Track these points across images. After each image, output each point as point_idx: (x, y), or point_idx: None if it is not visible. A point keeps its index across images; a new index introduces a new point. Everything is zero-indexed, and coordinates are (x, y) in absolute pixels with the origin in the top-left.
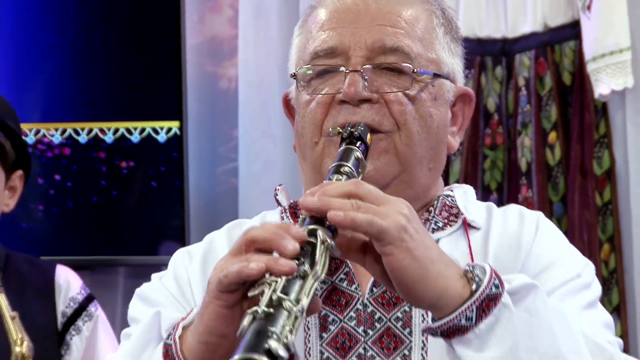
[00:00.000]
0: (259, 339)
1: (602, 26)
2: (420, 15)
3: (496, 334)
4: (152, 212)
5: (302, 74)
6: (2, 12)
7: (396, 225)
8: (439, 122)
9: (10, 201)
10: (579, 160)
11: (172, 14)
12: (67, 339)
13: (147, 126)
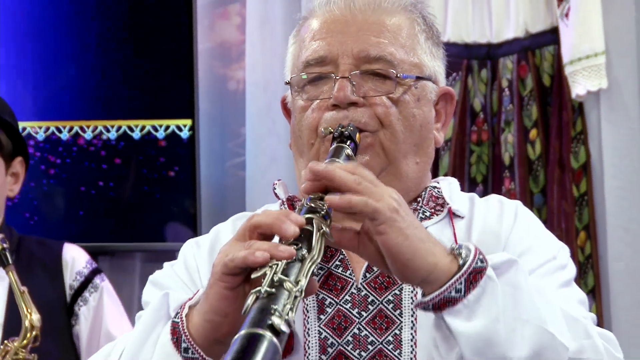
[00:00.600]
0: (262, 315)
1: (578, 32)
2: (403, 24)
3: (483, 304)
4: (167, 202)
5: (296, 81)
6: (25, 16)
7: (389, 206)
8: (422, 121)
9: (15, 186)
10: (557, 155)
11: (185, 21)
12: (75, 310)
13: (163, 124)
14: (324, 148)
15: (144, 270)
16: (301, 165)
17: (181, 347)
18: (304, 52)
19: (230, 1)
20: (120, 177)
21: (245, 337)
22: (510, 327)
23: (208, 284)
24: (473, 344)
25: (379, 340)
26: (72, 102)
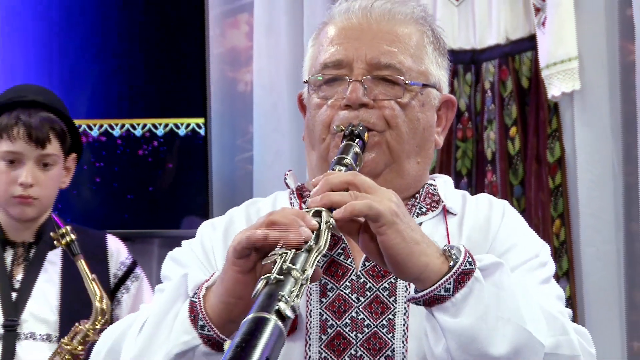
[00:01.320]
0: (270, 300)
1: (554, 39)
2: (413, 35)
3: (469, 303)
4: (182, 192)
5: (313, 80)
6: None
7: (390, 209)
8: (425, 125)
9: (66, 179)
10: (534, 151)
11: (198, 30)
12: (118, 296)
13: (180, 122)
14: (334, 143)
15: (160, 254)
16: (312, 157)
17: (198, 325)
18: (322, 54)
19: (239, 11)
20: (140, 170)
21: (253, 320)
22: (492, 325)
23: (223, 268)
24: (458, 339)
25: (374, 323)
26: (102, 103)
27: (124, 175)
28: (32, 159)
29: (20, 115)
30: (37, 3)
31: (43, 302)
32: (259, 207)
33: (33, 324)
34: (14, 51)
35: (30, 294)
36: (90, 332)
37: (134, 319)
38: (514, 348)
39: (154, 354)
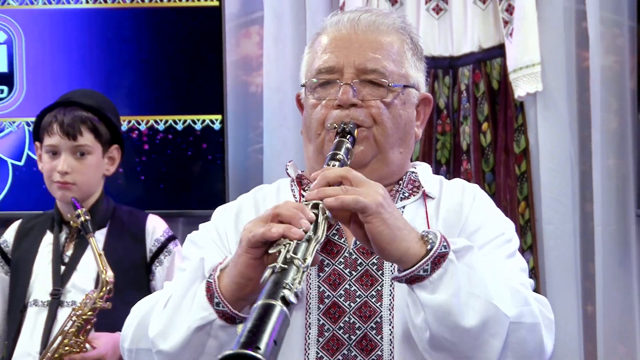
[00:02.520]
0: (276, 288)
1: (520, 48)
2: (395, 43)
3: (444, 281)
4: (203, 178)
5: (309, 84)
6: (96, 39)
7: (375, 202)
8: (406, 120)
9: (111, 167)
10: (503, 143)
11: (216, 39)
12: (152, 269)
13: (202, 118)
14: (328, 137)
15: (184, 230)
16: (309, 149)
17: (214, 302)
18: (316, 61)
19: (251, 24)
20: (168, 159)
21: (262, 307)
22: (464, 301)
23: (236, 253)
24: (435, 312)
25: (364, 294)
26: (131, 102)
27: (154, 164)
28: (67, 150)
29: (57, 115)
30: (81, 19)
31: (85, 274)
32: (265, 193)
33: (74, 294)
34: (63, 60)
35: (76, 267)
36: (98, 300)
37: (159, 296)
38: (482, 320)
39: (177, 327)
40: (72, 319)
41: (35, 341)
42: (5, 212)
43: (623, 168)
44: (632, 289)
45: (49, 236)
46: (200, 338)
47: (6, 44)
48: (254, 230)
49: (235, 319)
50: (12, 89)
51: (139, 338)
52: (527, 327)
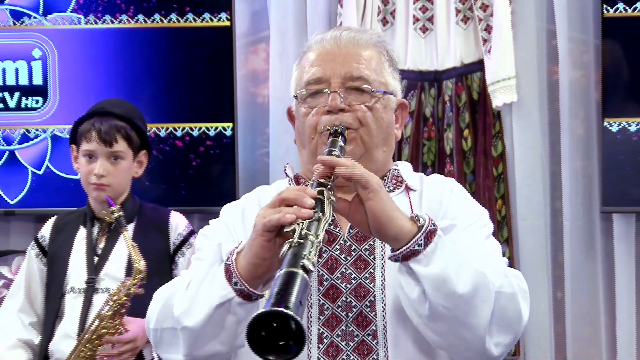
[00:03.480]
0: (296, 259)
1: (497, 63)
2: (373, 55)
3: (437, 254)
4: (216, 179)
5: (300, 95)
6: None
7: (377, 180)
8: (387, 122)
9: (140, 170)
10: (482, 147)
11: (228, 56)
12: (175, 260)
13: (215, 126)
14: (321, 140)
15: (200, 224)
16: (304, 154)
17: (232, 281)
18: (305, 75)
19: (259, 42)
20: (184, 162)
21: (286, 274)
22: (456, 270)
23: (251, 237)
24: (432, 282)
25: (359, 276)
26: (152, 111)
27: (172, 166)
28: (103, 155)
29: (94, 123)
30: (108, 38)
31: (116, 264)
32: (266, 193)
33: (108, 281)
34: (91, 74)
35: (108, 258)
36: (132, 286)
37: (179, 282)
38: (473, 286)
39: (199, 306)
40: (108, 304)
41: (74, 324)
42: (23, 209)
43: (589, 169)
44: (596, 277)
45: (82, 231)
46: (221, 314)
47: (41, 59)
48: (268, 216)
49: (252, 296)
50: (46, 100)
51: (164, 318)
52: (507, 296)
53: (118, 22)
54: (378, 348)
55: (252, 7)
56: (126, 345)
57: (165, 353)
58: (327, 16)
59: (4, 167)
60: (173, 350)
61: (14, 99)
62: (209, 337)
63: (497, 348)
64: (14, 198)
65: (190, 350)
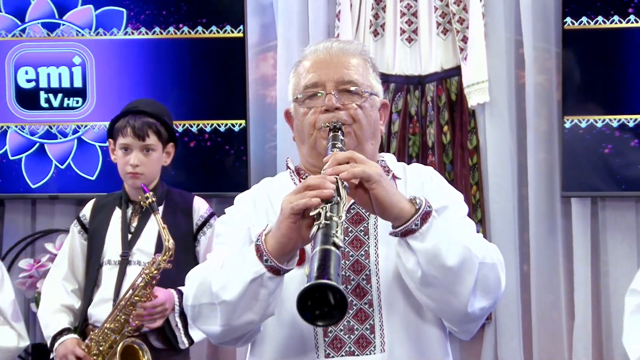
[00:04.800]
0: (326, 238)
1: (472, 69)
2: (360, 62)
3: (431, 232)
4: (231, 168)
5: (299, 98)
6: (150, 63)
7: (376, 172)
8: (374, 119)
9: (168, 160)
10: (459, 141)
11: (241, 63)
12: (198, 238)
13: (230, 122)
14: (319, 136)
15: (217, 207)
16: (303, 149)
17: (263, 259)
18: (302, 80)
19: (267, 50)
20: (205, 154)
21: (322, 251)
22: (446, 246)
23: (278, 220)
24: (425, 256)
25: (355, 253)
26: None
27: (192, 157)
28: (137, 148)
29: (129, 120)
30: (138, 46)
31: (147, 240)
32: (272, 184)
33: (139, 255)
34: (124, 78)
35: (140, 235)
36: (162, 262)
37: (210, 264)
38: (460, 260)
39: (235, 281)
40: (141, 276)
41: (110, 291)
42: (66, 194)
43: (550, 160)
44: (557, 253)
45: (117, 211)
46: (254, 288)
47: (81, 65)
48: (295, 201)
49: (280, 270)
50: (85, 100)
51: (201, 294)
52: (488, 266)
53: (146, 33)
54: (374, 314)
55: (261, 20)
56: (157, 309)
57: (203, 325)
58: (326, 29)
59: (33, 157)
60: (211, 322)
61: (58, 100)
62: (244, 309)
63: (480, 311)
64: (93, 175)
65: (227, 321)
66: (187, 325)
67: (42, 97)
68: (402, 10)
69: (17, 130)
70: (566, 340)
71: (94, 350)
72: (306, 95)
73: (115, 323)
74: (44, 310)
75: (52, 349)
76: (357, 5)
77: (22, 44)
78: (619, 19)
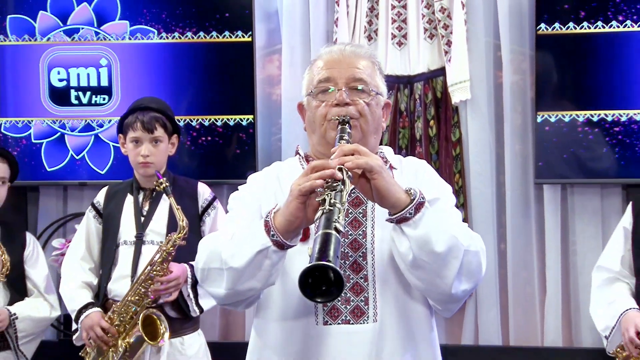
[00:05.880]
0: (329, 222)
1: (455, 69)
2: (368, 64)
3: (423, 220)
4: (241, 158)
5: (314, 91)
6: (163, 65)
7: (378, 164)
8: (378, 116)
9: (173, 149)
10: (444, 134)
11: (249, 64)
12: (203, 219)
13: (240, 117)
14: (329, 127)
15: (227, 194)
16: (313, 138)
17: (270, 234)
18: (316, 76)
19: (273, 53)
20: (216, 145)
21: (324, 234)
22: (436, 234)
23: (287, 200)
24: (417, 242)
25: (354, 233)
26: (193, 106)
27: (205, 149)
28: (146, 140)
29: (138, 116)
30: (157, 50)
31: (158, 222)
32: (282, 167)
33: (152, 235)
34: (144, 77)
35: (152, 218)
36: (177, 239)
37: (222, 234)
38: (448, 247)
39: (243, 251)
40: (159, 253)
41: (127, 268)
42: (93, 181)
43: (525, 151)
44: (531, 233)
45: (129, 197)
46: (259, 259)
47: (107, 67)
48: (302, 184)
49: (284, 245)
50: (111, 97)
51: (212, 260)
52: (472, 253)
53: (164, 38)
54: (368, 288)
55: (268, 26)
56: (171, 282)
57: (210, 287)
58: (325, 35)
59: (93, 148)
60: (217, 285)
61: (86, 97)
62: (248, 276)
63: (462, 293)
64: (104, 169)
65: (232, 285)
66: (198, 296)
67: (72, 95)
68: (393, 18)
69: (49, 123)
70: (539, 311)
71: (116, 322)
72: (319, 90)
73: (135, 296)
74: (66, 286)
75: (77, 322)
76: (353, 13)
77: (54, 47)
78: (588, 24)
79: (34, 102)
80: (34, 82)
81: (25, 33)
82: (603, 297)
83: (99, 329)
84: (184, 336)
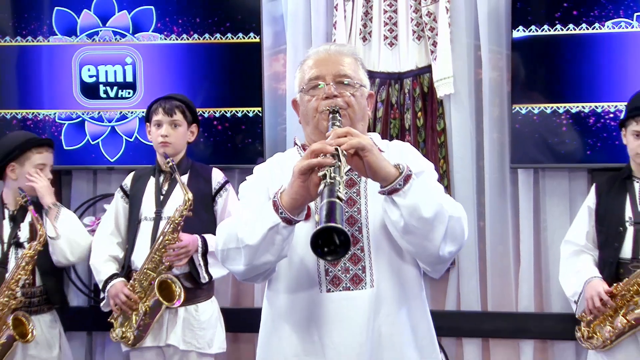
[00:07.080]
0: (332, 193)
1: (440, 67)
2: (351, 60)
3: (411, 191)
4: (250, 145)
5: (305, 88)
6: (181, 65)
7: (369, 143)
8: (364, 105)
9: (192, 137)
10: (430, 124)
11: (257, 62)
12: (216, 199)
13: (249, 109)
14: (321, 118)
15: (238, 178)
16: (307, 129)
17: (279, 212)
18: (307, 74)
19: (279, 53)
20: (231, 134)
21: (329, 202)
22: (423, 201)
23: (290, 180)
24: (407, 209)
25: (350, 210)
26: (208, 99)
27: (222, 137)
28: (166, 123)
29: (161, 103)
30: (176, 49)
31: (175, 200)
32: (282, 157)
33: (169, 212)
34: (165, 74)
35: (170, 197)
36: (184, 210)
37: (236, 219)
38: (435, 212)
39: (256, 229)
40: (169, 223)
41: (147, 241)
42: (119, 166)
43: (502, 139)
44: (506, 213)
45: (152, 179)
46: (271, 235)
47: (132, 64)
48: (302, 163)
49: (292, 221)
50: (135, 92)
51: (229, 241)
52: (455, 219)
53: (191, 39)
54: (364, 258)
55: (274, 29)
56: (181, 250)
57: (230, 265)
58: (325, 36)
59: (108, 137)
60: (236, 263)
61: (113, 91)
62: (263, 251)
63: (448, 254)
64: (113, 157)
65: (250, 261)
66: (207, 264)
67: (101, 90)
68: (385, 21)
69: (81, 114)
70: (513, 280)
71: (137, 288)
72: (310, 86)
73: (151, 263)
74: (95, 260)
75: (104, 291)
76: (350, 17)
77: (85, 47)
78: (561, 27)
79: (67, 95)
80: (67, 78)
81: (68, 28)
82: (571, 267)
83: (122, 296)
84: (198, 304)
